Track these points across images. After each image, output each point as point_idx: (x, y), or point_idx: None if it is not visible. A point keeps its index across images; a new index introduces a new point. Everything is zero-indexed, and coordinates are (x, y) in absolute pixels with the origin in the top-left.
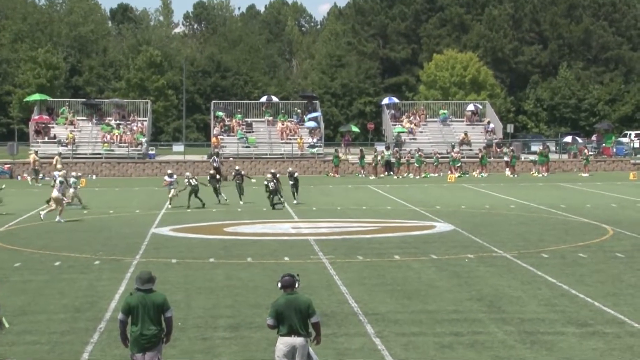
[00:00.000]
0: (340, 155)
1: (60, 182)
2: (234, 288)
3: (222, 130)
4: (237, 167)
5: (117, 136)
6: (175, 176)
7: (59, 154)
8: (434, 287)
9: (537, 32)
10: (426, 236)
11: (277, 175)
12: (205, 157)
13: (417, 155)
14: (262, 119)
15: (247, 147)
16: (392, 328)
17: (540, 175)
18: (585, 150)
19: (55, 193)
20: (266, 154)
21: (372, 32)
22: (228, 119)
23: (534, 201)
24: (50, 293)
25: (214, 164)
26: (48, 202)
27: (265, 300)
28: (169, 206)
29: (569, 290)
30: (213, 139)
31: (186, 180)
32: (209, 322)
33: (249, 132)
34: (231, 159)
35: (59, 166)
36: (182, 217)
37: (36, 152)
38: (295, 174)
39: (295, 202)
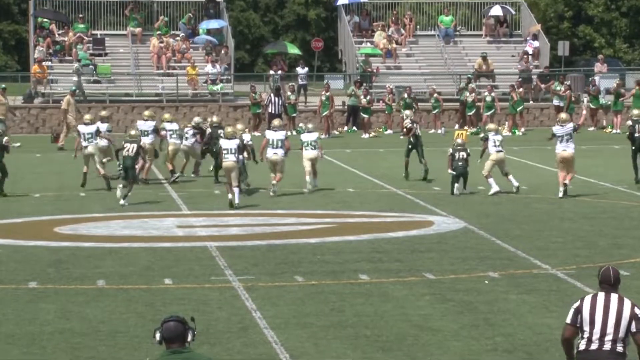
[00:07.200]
0: (264, 96)
1: None
2: (74, 334)
3: (50, 52)
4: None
5: None
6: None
7: None
8: (430, 331)
9: None
10: (417, 239)
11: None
12: (20, 100)
13: (403, 96)
14: (124, 32)
15: (95, 82)
16: None
17: (616, 131)
18: None
19: None
20: (131, 95)
21: None
22: (61, 32)
23: (606, 177)
24: None
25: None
26: None
27: (131, 355)
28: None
29: None
30: (34, 67)
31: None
32: None
33: (100, 56)
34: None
35: None
36: None
37: None
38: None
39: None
